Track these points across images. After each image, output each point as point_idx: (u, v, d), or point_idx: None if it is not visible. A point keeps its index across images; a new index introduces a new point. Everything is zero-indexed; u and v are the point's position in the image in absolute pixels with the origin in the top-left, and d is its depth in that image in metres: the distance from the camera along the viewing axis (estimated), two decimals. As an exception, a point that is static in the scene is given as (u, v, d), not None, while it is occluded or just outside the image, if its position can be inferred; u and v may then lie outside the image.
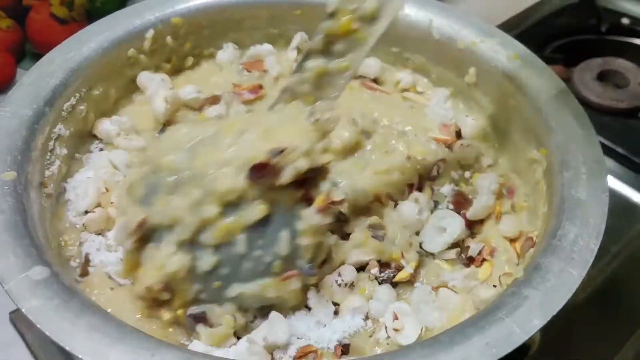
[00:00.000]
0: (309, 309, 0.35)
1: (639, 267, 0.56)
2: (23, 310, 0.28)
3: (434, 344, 0.28)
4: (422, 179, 0.41)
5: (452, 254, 0.38)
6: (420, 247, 0.39)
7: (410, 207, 0.39)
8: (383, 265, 0.37)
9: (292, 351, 0.32)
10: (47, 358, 0.48)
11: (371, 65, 0.49)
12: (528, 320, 0.29)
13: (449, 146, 0.43)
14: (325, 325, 0.34)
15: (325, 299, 0.35)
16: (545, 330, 0.50)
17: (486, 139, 0.44)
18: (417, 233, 0.39)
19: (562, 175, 0.36)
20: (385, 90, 0.49)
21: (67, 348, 0.27)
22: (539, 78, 0.41)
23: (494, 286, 0.35)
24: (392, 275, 0.36)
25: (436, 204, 0.41)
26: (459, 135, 0.45)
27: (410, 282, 0.37)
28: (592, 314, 0.53)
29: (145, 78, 0.46)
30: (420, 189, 0.41)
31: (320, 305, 0.35)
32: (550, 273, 0.31)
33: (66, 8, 0.68)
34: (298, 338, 0.33)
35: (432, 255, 0.38)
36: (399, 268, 0.36)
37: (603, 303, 0.53)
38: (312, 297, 0.35)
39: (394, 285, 0.36)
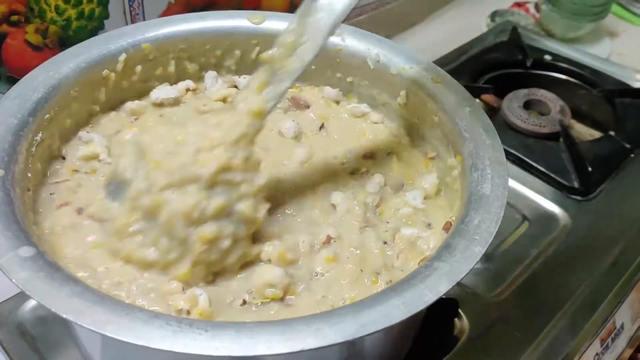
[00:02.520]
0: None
1: (553, 268, 0.63)
2: (13, 280, 0.33)
3: (359, 304, 0.34)
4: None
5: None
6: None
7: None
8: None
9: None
10: (22, 359, 0.52)
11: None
12: (436, 286, 0.35)
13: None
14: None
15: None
16: (473, 322, 0.58)
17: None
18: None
19: (471, 176, 0.43)
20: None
21: (52, 309, 0.32)
22: (456, 97, 0.49)
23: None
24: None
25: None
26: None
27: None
28: (514, 307, 0.60)
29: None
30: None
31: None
32: (456, 250, 0.37)
33: (40, 36, 0.73)
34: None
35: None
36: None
37: (524, 298, 0.61)
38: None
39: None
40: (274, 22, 0.56)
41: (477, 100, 0.85)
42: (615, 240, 0.66)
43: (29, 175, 0.43)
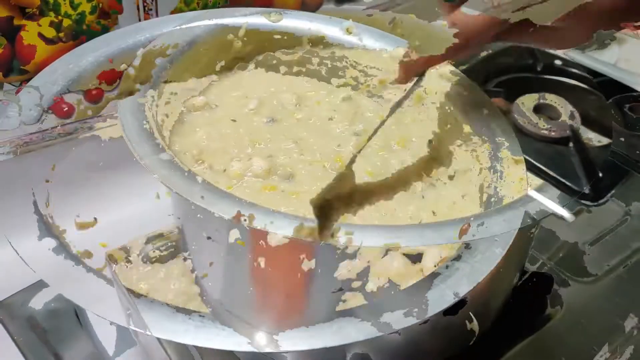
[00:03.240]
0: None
1: (562, 272, 0.63)
2: (36, 272, 0.33)
3: (380, 303, 0.34)
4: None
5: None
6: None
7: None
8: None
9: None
10: (32, 351, 0.52)
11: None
12: (458, 286, 0.35)
13: None
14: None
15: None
16: (482, 324, 0.58)
17: None
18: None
19: (490, 177, 0.43)
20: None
21: (73, 300, 0.32)
22: (473, 99, 0.49)
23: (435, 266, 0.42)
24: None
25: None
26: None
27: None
28: (522, 310, 0.60)
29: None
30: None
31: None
32: (477, 251, 0.37)
33: (54, 29, 0.73)
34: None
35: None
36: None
37: (532, 301, 0.61)
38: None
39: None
40: (291, 20, 0.56)
41: (488, 103, 0.85)
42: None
43: (48, 167, 0.43)
